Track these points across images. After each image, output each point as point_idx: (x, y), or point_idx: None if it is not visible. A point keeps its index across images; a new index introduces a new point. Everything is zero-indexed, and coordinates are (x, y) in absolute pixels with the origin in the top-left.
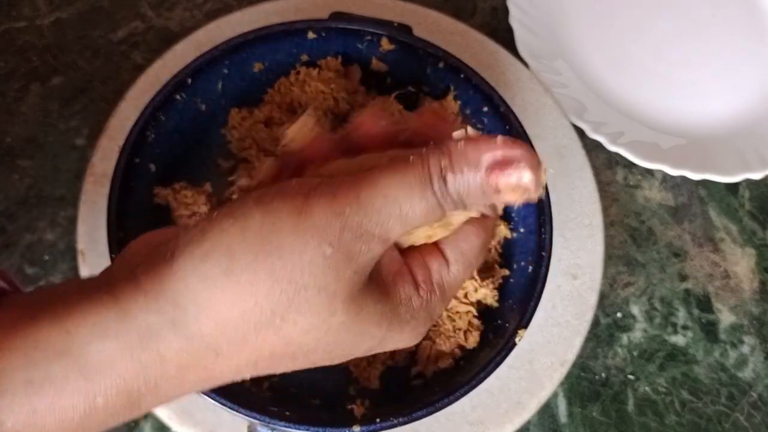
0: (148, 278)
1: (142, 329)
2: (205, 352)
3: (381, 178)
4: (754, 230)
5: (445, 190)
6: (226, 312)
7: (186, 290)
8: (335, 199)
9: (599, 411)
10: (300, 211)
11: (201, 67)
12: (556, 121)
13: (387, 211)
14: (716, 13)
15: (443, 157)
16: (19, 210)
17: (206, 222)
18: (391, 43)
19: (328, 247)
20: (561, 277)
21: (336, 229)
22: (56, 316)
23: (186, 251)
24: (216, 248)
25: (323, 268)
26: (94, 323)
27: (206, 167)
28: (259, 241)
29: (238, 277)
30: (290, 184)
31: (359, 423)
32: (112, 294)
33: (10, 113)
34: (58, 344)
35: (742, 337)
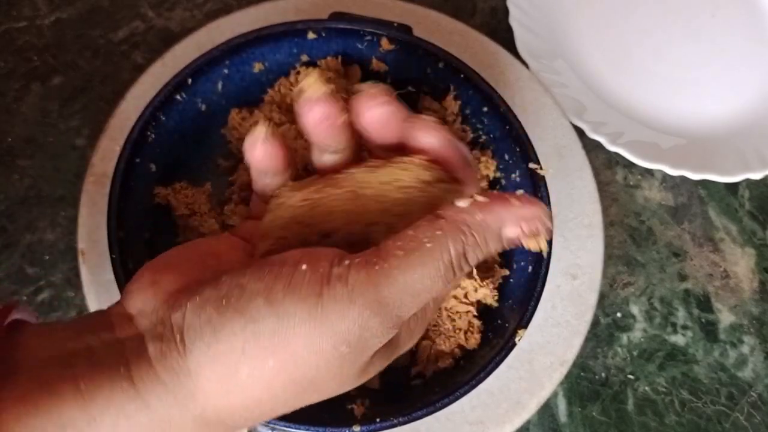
0: (163, 369)
1: (164, 421)
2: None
3: (400, 273)
4: (754, 230)
5: (463, 261)
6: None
7: (202, 385)
8: (353, 303)
9: (599, 411)
10: (314, 315)
11: (201, 67)
12: (555, 121)
13: (407, 306)
14: (716, 13)
15: (466, 237)
16: (19, 210)
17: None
18: (391, 43)
19: (345, 348)
20: (561, 277)
21: (354, 331)
22: (79, 397)
23: (197, 347)
24: (230, 352)
25: (339, 365)
26: (117, 414)
27: (206, 167)
28: (272, 345)
29: (252, 378)
30: (300, 272)
31: (359, 422)
32: (131, 380)
33: (10, 113)
34: (83, 428)
35: (741, 336)
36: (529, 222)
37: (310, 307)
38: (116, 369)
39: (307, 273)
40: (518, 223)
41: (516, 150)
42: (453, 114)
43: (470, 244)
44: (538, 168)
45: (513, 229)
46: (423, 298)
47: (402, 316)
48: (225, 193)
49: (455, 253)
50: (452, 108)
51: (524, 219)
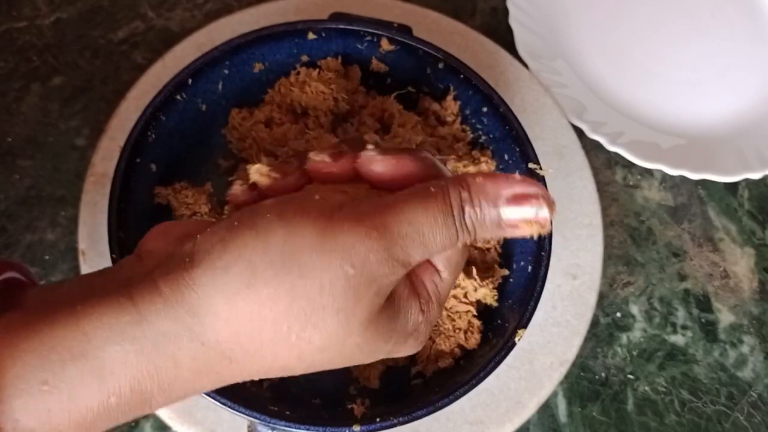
0: (166, 284)
1: (158, 335)
2: (219, 359)
3: (406, 206)
4: (754, 230)
5: (463, 221)
6: (243, 324)
7: (205, 300)
8: (361, 223)
9: (599, 410)
10: (324, 232)
11: (201, 67)
12: (555, 121)
13: (411, 239)
14: (716, 14)
15: (463, 190)
16: (19, 210)
17: (226, 231)
18: (391, 44)
19: (350, 269)
20: (561, 277)
21: (360, 251)
22: (73, 316)
23: (206, 261)
24: (237, 262)
25: (344, 289)
26: (111, 326)
27: (207, 167)
28: (280, 257)
29: (258, 291)
30: (312, 200)
31: (359, 422)
32: (130, 296)
33: (11, 113)
34: (74, 346)
35: (741, 336)
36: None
37: (320, 225)
38: (116, 290)
39: (320, 201)
40: (517, 199)
41: (516, 150)
42: (453, 114)
43: (466, 200)
44: (538, 168)
45: (510, 210)
46: (427, 239)
47: (408, 252)
48: (225, 193)
49: (455, 202)
50: (452, 108)
51: (523, 194)
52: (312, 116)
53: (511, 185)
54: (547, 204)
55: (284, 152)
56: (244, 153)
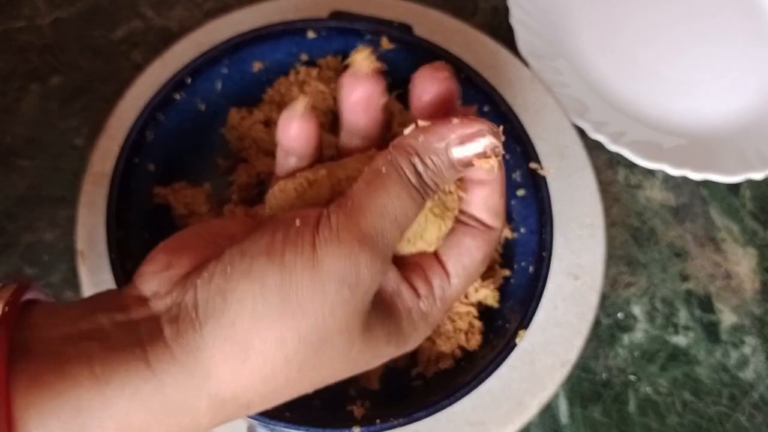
0: (180, 348)
1: (179, 400)
2: (237, 408)
3: (369, 201)
4: (756, 230)
5: (422, 182)
6: (258, 373)
7: (218, 359)
8: (342, 243)
9: (600, 411)
10: (313, 264)
11: (200, 66)
12: (557, 120)
13: (387, 229)
14: (717, 13)
15: (411, 154)
16: (18, 210)
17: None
18: (391, 43)
19: (347, 291)
20: (562, 278)
21: (352, 271)
22: (95, 380)
23: (212, 319)
24: (241, 315)
25: (343, 312)
26: (133, 395)
27: (206, 167)
28: (279, 300)
29: (265, 340)
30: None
31: (359, 424)
32: (147, 362)
33: (10, 113)
34: (98, 413)
35: (743, 337)
36: (472, 138)
37: (307, 255)
38: (131, 351)
39: (300, 227)
40: (462, 141)
41: (517, 150)
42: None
43: (417, 163)
44: (539, 168)
45: (460, 149)
46: (401, 219)
47: (389, 243)
48: (224, 193)
49: (409, 171)
50: None
51: (467, 135)
52: None
53: (452, 130)
54: (491, 133)
55: None
56: (243, 153)
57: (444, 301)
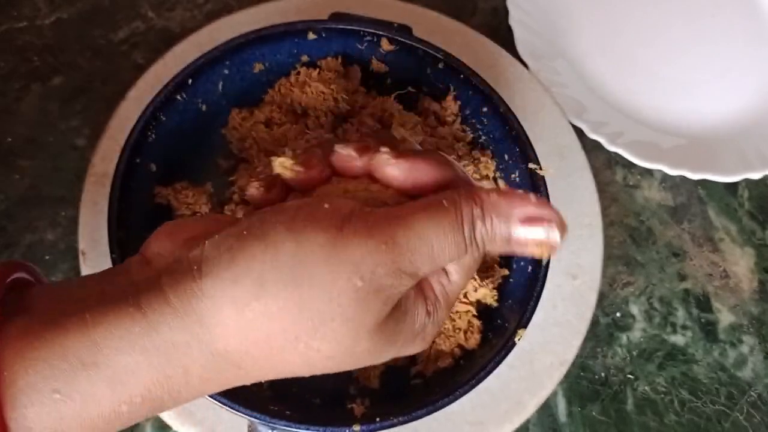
0: (175, 293)
1: (168, 345)
2: (228, 366)
3: (416, 220)
4: (754, 230)
5: (473, 237)
6: (252, 334)
7: (214, 310)
8: (371, 236)
9: (599, 410)
10: (334, 243)
11: (201, 67)
12: (555, 121)
13: (420, 252)
14: (716, 14)
15: (476, 206)
16: (19, 210)
17: (235, 240)
18: (391, 44)
19: (359, 281)
20: (561, 277)
21: (369, 264)
22: (83, 325)
23: (214, 271)
24: (247, 274)
25: (352, 300)
26: (121, 336)
27: (207, 167)
28: (289, 270)
29: (267, 304)
30: (322, 208)
31: (359, 422)
32: (139, 306)
33: (11, 113)
34: (85, 355)
35: (741, 336)
36: (540, 222)
37: (329, 235)
38: (124, 298)
39: (329, 210)
40: (530, 221)
41: (516, 150)
42: (453, 114)
43: (478, 216)
44: (538, 168)
45: (523, 228)
46: (436, 253)
47: (415, 265)
48: (225, 193)
49: (467, 218)
50: (452, 108)
51: (536, 217)
52: (312, 116)
53: (524, 205)
54: (558, 228)
55: None
56: (244, 153)
57: (447, 299)
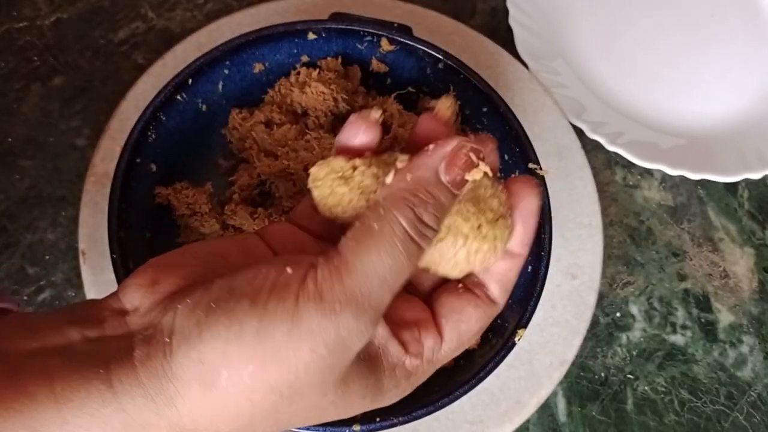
0: (146, 372)
1: (137, 425)
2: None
3: (357, 261)
4: (753, 230)
5: (424, 227)
6: (221, 413)
7: (183, 391)
8: (323, 301)
9: (598, 410)
10: (292, 316)
11: (202, 67)
12: (555, 121)
13: (374, 292)
14: (716, 13)
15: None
16: (19, 210)
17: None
18: (391, 44)
19: (323, 350)
20: (560, 277)
21: (330, 331)
22: (54, 399)
23: (182, 350)
24: (211, 354)
25: (319, 368)
26: (91, 415)
27: (207, 167)
28: (253, 348)
29: (233, 384)
30: (284, 273)
31: (359, 422)
32: (109, 383)
33: (11, 113)
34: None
35: (741, 336)
36: (456, 154)
37: (288, 308)
38: (95, 370)
39: (289, 275)
40: (449, 161)
41: (516, 150)
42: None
43: (417, 204)
44: (538, 168)
45: (449, 172)
46: (391, 280)
47: (376, 306)
48: (226, 193)
49: (407, 221)
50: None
51: (449, 154)
52: (312, 117)
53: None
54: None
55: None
56: (244, 153)
57: (432, 364)
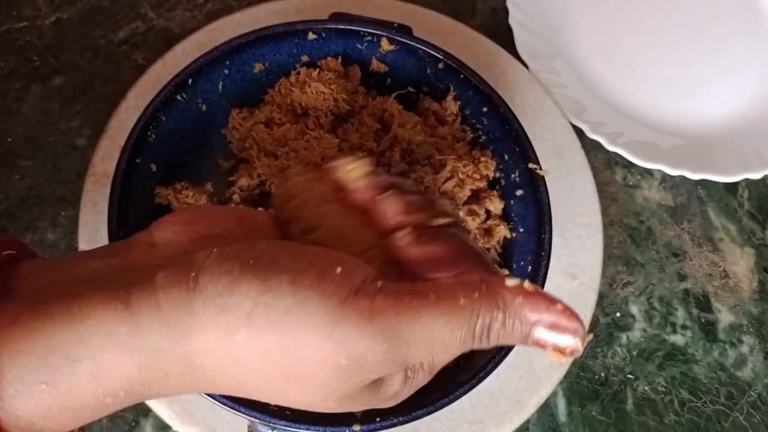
0: (167, 300)
1: (153, 349)
2: (204, 380)
3: (425, 312)
4: (753, 230)
5: (486, 336)
6: (229, 363)
7: (198, 329)
8: (371, 320)
9: (598, 410)
10: (331, 316)
11: (202, 67)
12: (555, 121)
13: (419, 347)
14: (716, 13)
15: (498, 310)
16: (19, 210)
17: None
18: (391, 44)
19: (344, 360)
20: (560, 277)
21: (360, 349)
22: (70, 319)
23: (208, 290)
24: (236, 309)
25: (331, 373)
26: (107, 335)
27: (207, 167)
28: (279, 322)
29: (249, 344)
30: (334, 272)
31: (359, 422)
32: (128, 304)
33: (11, 113)
34: (71, 350)
35: (741, 336)
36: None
37: (330, 306)
38: (114, 291)
39: (339, 277)
40: (553, 327)
41: (515, 150)
42: (453, 114)
43: (498, 320)
44: (538, 168)
45: (546, 333)
46: (436, 351)
47: (409, 359)
48: (226, 193)
49: (481, 322)
50: (452, 108)
51: (561, 326)
52: (312, 116)
53: (550, 313)
54: (581, 338)
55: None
56: (245, 153)
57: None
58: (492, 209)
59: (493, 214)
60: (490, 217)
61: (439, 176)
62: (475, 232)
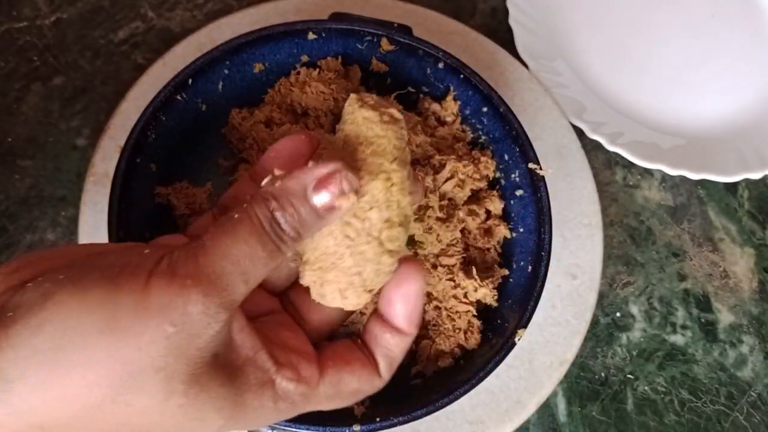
0: None
1: None
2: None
3: (214, 244)
4: (753, 230)
5: (280, 231)
6: (53, 391)
7: (16, 363)
8: (174, 277)
9: (598, 410)
10: (142, 290)
11: (202, 67)
12: (555, 121)
13: (229, 275)
14: (716, 13)
15: (268, 200)
16: (20, 210)
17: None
18: (391, 44)
19: (170, 327)
20: (560, 277)
21: (178, 307)
22: None
23: (24, 317)
24: (51, 321)
25: (164, 349)
26: None
27: (207, 167)
28: (96, 319)
29: (69, 355)
30: (141, 253)
31: (359, 422)
32: None
33: (11, 113)
34: None
35: (741, 336)
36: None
37: (138, 281)
38: None
39: (146, 255)
40: (320, 182)
41: (515, 150)
42: (453, 114)
43: (276, 208)
44: (538, 168)
45: (319, 193)
46: (244, 266)
47: (228, 289)
48: None
49: (263, 216)
50: (452, 108)
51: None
52: (312, 116)
53: (308, 173)
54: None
55: None
56: (245, 153)
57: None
58: (492, 209)
59: (493, 214)
60: (490, 217)
61: (439, 176)
62: (475, 232)
